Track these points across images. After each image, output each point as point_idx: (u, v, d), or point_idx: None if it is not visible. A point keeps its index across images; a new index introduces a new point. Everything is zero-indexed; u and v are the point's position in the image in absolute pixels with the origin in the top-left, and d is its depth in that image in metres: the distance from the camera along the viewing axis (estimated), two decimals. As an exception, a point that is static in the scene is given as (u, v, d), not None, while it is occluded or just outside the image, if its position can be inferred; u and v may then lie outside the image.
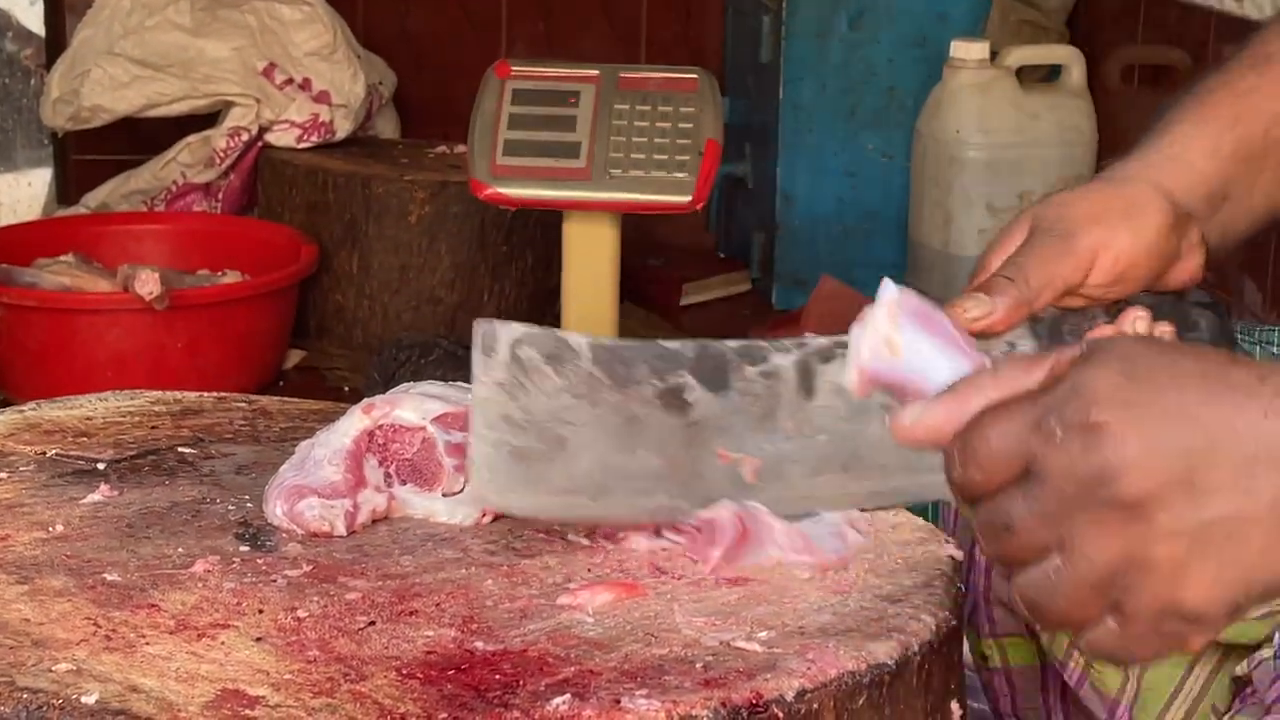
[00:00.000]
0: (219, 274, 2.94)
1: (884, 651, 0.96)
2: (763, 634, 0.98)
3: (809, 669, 0.93)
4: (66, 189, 3.43)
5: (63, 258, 2.88)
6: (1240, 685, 1.19)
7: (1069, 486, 0.83)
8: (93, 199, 3.26)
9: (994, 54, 3.11)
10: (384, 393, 1.18)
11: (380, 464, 1.13)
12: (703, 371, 1.13)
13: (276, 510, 1.10)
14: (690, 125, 2.53)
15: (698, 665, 0.94)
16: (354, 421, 1.13)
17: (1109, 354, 0.85)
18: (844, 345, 1.13)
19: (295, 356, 3.00)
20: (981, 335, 1.17)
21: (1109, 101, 3.12)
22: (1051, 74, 3.20)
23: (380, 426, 1.13)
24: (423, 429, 1.13)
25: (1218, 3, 2.73)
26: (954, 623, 1.02)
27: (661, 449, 1.12)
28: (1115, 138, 3.12)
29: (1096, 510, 0.82)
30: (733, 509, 1.09)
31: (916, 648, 0.97)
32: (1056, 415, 0.83)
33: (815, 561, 1.07)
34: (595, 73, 2.61)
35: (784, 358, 1.14)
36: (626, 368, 1.12)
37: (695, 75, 2.59)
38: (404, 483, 1.14)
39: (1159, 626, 0.84)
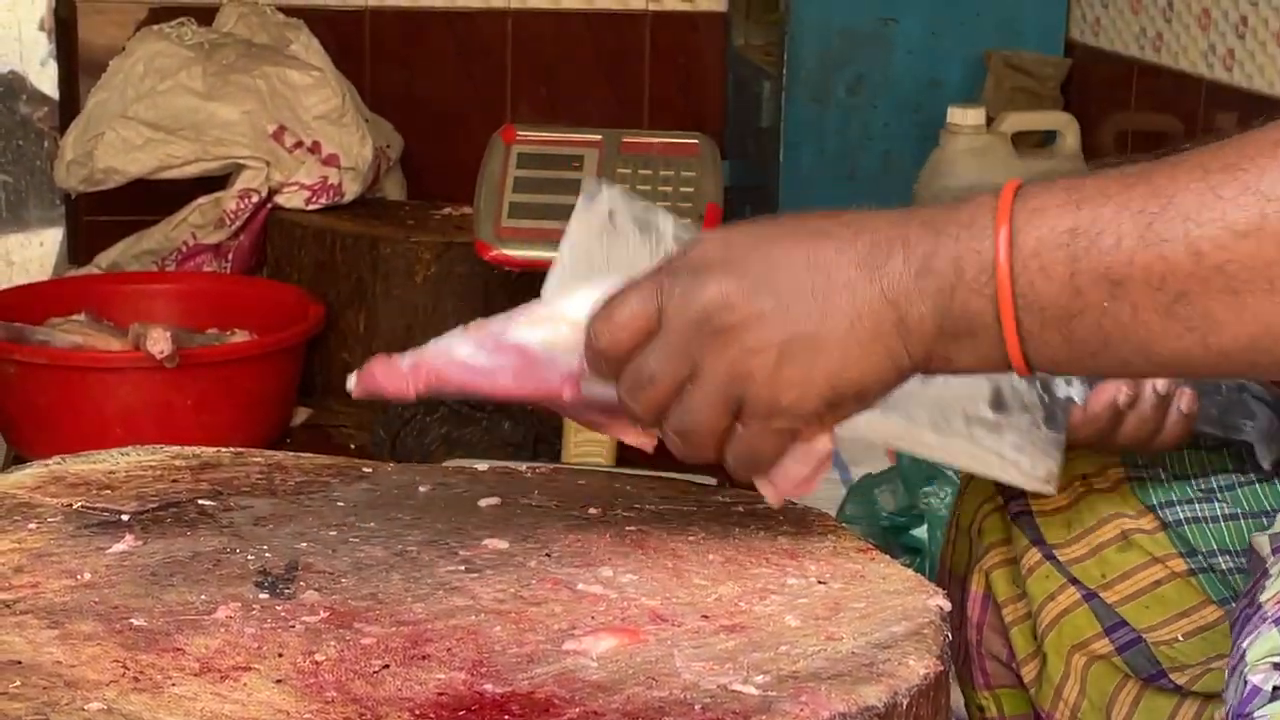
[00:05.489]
0: (228, 333, 2.96)
1: (873, 695, 1.00)
2: (759, 678, 1.01)
3: (801, 710, 0.97)
4: (78, 249, 3.47)
5: (74, 316, 2.91)
6: (1216, 731, 1.23)
7: (685, 326, 1.04)
8: (104, 259, 3.30)
9: (989, 119, 3.16)
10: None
11: None
12: None
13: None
14: (691, 189, 2.57)
15: (696, 707, 0.97)
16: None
17: (713, 232, 1.08)
18: None
19: (303, 414, 3.02)
20: None
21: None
22: (1046, 139, 3.25)
23: None
24: None
25: (1209, 72, 2.77)
26: (941, 668, 1.06)
27: None
28: (1108, 202, 3.16)
29: (707, 340, 1.03)
30: None
31: (904, 691, 1.01)
32: (670, 276, 1.05)
33: None
34: (598, 137, 2.65)
35: None
36: None
37: (696, 140, 2.64)
38: None
39: (770, 424, 1.05)
